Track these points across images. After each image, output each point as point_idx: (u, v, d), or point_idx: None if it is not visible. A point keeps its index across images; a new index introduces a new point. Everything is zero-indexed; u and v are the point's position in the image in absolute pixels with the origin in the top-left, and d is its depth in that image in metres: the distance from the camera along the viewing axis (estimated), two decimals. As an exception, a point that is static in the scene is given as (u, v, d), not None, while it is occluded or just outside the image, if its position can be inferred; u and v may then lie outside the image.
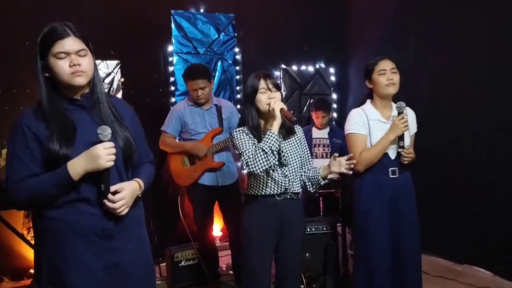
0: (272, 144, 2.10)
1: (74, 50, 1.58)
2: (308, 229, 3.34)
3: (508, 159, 3.39)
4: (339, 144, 4.33)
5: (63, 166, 1.54)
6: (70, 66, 1.57)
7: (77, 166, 1.54)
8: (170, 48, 4.39)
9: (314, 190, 2.42)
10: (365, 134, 2.60)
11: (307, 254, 3.34)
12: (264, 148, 2.10)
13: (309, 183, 2.39)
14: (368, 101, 2.70)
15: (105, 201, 1.59)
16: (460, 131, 3.77)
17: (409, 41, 4.26)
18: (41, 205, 1.59)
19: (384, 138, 2.54)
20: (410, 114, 2.68)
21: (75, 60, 1.58)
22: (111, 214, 1.61)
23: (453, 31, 3.80)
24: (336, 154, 2.33)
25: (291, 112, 2.42)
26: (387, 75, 2.56)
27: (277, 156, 2.17)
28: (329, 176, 3.76)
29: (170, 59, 4.40)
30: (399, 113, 2.53)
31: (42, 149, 1.57)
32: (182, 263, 3.54)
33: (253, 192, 2.30)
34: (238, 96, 4.66)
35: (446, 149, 3.87)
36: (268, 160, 2.10)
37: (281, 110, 2.16)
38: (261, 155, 2.09)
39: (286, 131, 2.31)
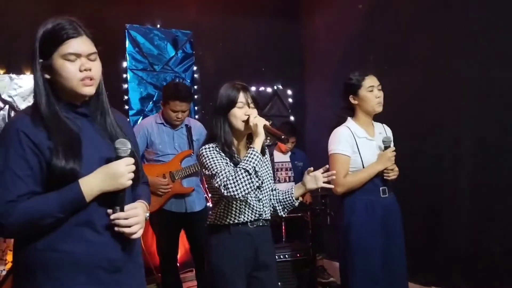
0: (256, 164, 1.86)
1: (86, 53, 1.37)
2: (282, 256, 3.15)
3: (468, 179, 3.41)
4: (301, 167, 4.23)
5: (73, 184, 1.26)
6: (80, 71, 1.34)
7: (92, 185, 1.27)
8: (124, 64, 4.09)
9: (286, 214, 2.19)
10: (350, 156, 2.47)
11: (279, 283, 3.13)
12: (247, 168, 1.84)
13: (280, 206, 2.16)
14: (350, 118, 2.57)
15: (117, 218, 1.32)
16: (420, 152, 3.78)
17: (368, 63, 4.27)
18: (35, 233, 1.28)
19: (371, 168, 2.44)
20: (388, 132, 2.67)
21: (87, 64, 1.35)
22: (118, 242, 1.34)
23: (414, 52, 3.83)
24: (311, 169, 2.12)
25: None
26: (375, 92, 2.46)
27: (260, 178, 1.91)
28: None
29: (124, 75, 4.09)
30: (386, 147, 2.46)
31: (41, 163, 1.28)
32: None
33: (223, 222, 2.02)
34: (196, 117, 4.41)
35: (405, 170, 3.86)
36: (252, 182, 1.85)
37: (265, 126, 1.94)
38: (244, 177, 1.83)
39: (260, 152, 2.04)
